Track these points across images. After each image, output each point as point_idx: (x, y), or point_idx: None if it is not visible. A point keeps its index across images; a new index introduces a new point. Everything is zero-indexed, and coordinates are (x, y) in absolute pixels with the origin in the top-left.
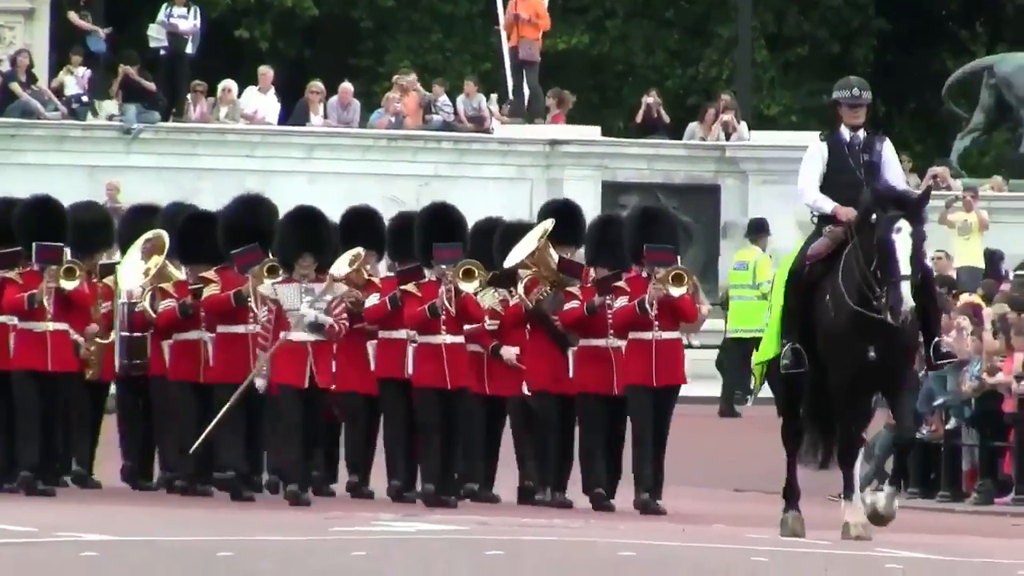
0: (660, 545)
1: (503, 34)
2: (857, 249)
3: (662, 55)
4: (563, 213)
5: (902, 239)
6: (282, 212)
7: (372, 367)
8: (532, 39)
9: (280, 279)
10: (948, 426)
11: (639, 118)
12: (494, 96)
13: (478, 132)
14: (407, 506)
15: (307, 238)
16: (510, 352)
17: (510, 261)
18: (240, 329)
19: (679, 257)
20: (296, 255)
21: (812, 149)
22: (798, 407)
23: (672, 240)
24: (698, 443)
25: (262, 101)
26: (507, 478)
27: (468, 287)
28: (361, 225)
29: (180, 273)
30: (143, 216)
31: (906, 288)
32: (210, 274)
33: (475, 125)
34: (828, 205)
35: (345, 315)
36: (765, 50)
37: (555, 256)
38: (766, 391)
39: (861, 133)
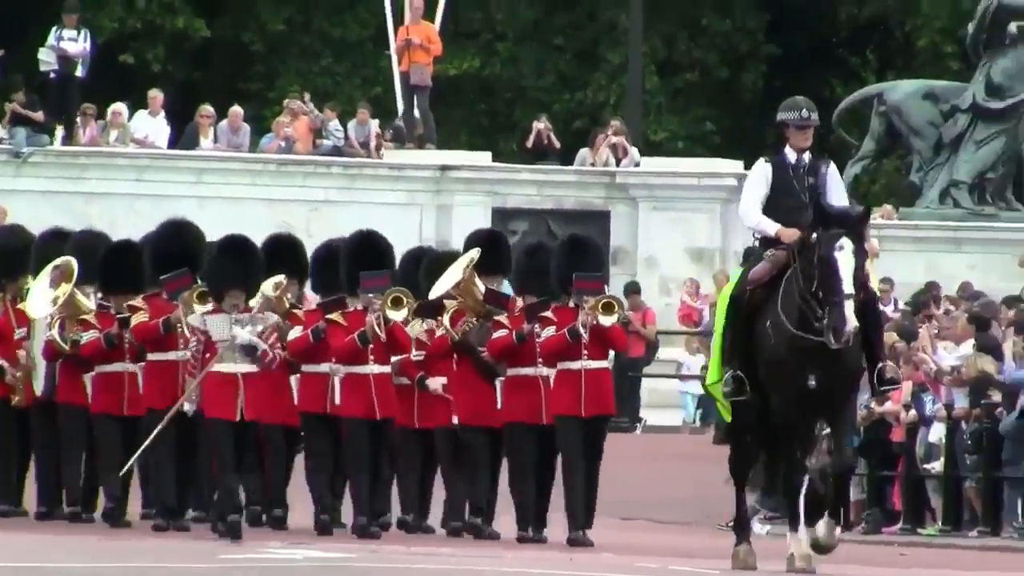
0: (547, 574)
1: (394, 59)
2: (798, 272)
3: (552, 79)
4: (489, 243)
5: (844, 257)
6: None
7: (295, 400)
8: (423, 64)
9: (209, 309)
10: None
11: (530, 143)
12: (375, 121)
13: (368, 157)
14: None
15: (237, 269)
16: (436, 383)
17: (436, 291)
18: (171, 356)
19: (607, 286)
20: (226, 286)
21: (756, 171)
22: (744, 435)
23: (600, 268)
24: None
25: (152, 125)
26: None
27: (397, 316)
28: (284, 253)
29: (89, 302)
30: (54, 241)
31: (849, 308)
32: (137, 302)
33: (366, 151)
34: (772, 227)
35: (278, 344)
36: (656, 76)
37: (481, 287)
38: None
39: (806, 156)
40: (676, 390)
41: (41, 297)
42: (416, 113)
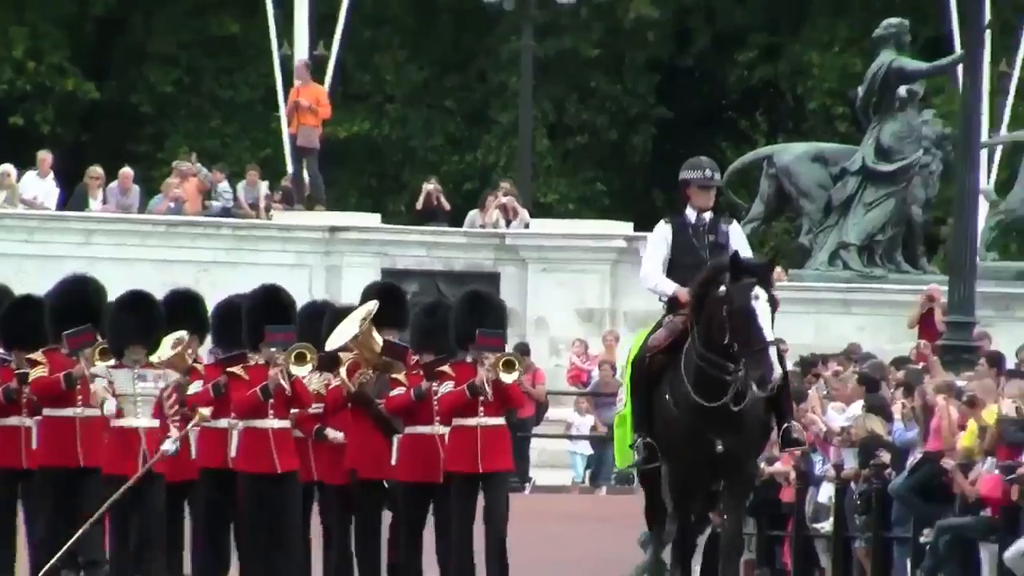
0: None
1: (284, 120)
2: (695, 336)
3: (440, 140)
4: (386, 295)
5: (761, 306)
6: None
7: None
8: (312, 126)
9: (112, 363)
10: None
11: (419, 204)
12: (265, 183)
13: (258, 218)
14: None
15: (137, 324)
16: (336, 434)
17: (332, 343)
18: (68, 412)
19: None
20: (127, 341)
21: (656, 232)
22: (659, 498)
23: (501, 325)
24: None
25: (41, 186)
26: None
27: (300, 371)
28: (184, 308)
29: None
30: None
31: (773, 354)
32: (37, 356)
33: (255, 212)
34: (669, 287)
35: (177, 404)
36: (546, 139)
37: (379, 339)
38: None
39: (707, 215)
40: (565, 450)
41: None
42: (305, 175)
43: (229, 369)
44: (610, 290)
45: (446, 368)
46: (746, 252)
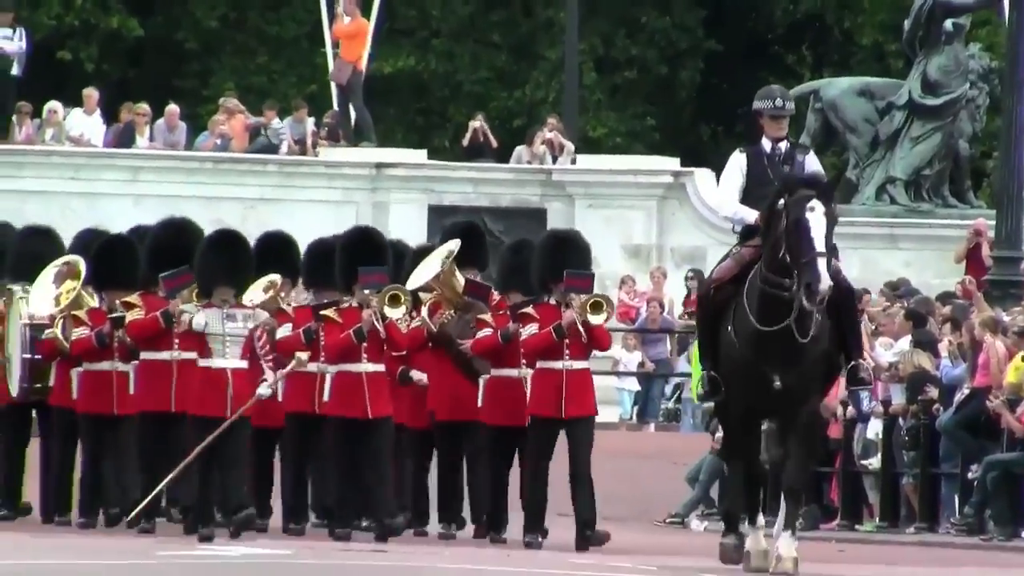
0: (485, 570)
1: (329, 56)
2: (764, 256)
3: (487, 75)
4: (468, 235)
5: (816, 217)
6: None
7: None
8: (350, 61)
9: (201, 304)
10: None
11: (466, 141)
12: (311, 120)
13: (304, 155)
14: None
15: (227, 264)
16: (420, 376)
17: (413, 283)
18: (164, 356)
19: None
20: (215, 282)
21: (731, 161)
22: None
23: (587, 266)
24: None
25: (88, 123)
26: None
27: (395, 313)
28: (276, 251)
29: (94, 301)
30: (35, 237)
31: (823, 264)
32: (133, 298)
33: (301, 148)
34: (751, 215)
35: (268, 345)
36: (594, 72)
37: (460, 278)
38: None
39: (783, 145)
40: (613, 387)
41: (44, 295)
42: (351, 111)
43: (322, 312)
44: (657, 226)
45: (530, 310)
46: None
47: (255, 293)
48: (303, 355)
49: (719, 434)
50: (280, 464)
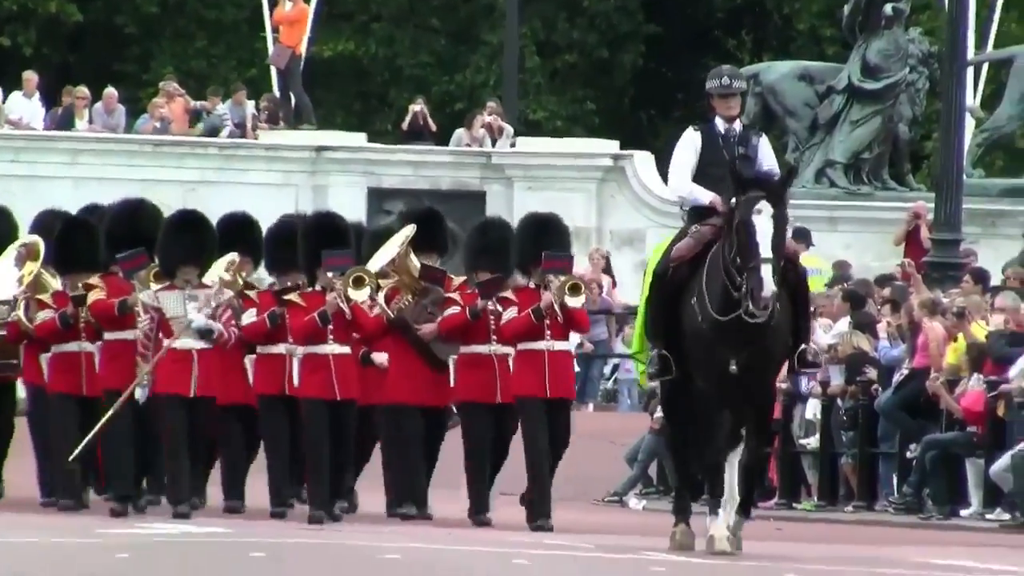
0: (424, 548)
1: (269, 41)
2: (724, 247)
3: (427, 59)
4: (426, 220)
5: (762, 220)
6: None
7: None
8: (290, 46)
9: (162, 286)
10: None
11: (406, 125)
12: (251, 103)
13: (244, 138)
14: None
15: (188, 246)
16: (382, 357)
17: (369, 268)
18: (128, 335)
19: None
20: (178, 262)
21: (685, 139)
22: (678, 413)
23: (566, 247)
24: None
25: (27, 106)
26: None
27: (359, 296)
28: (239, 232)
29: (56, 282)
30: None
31: (767, 271)
32: (94, 280)
33: (241, 131)
34: (705, 196)
35: (233, 322)
36: (536, 56)
37: (417, 263)
38: None
39: (737, 125)
40: None
41: (5, 276)
42: (291, 95)
43: (286, 297)
44: (596, 209)
45: (509, 294)
46: (772, 165)
47: (215, 272)
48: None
49: (658, 414)
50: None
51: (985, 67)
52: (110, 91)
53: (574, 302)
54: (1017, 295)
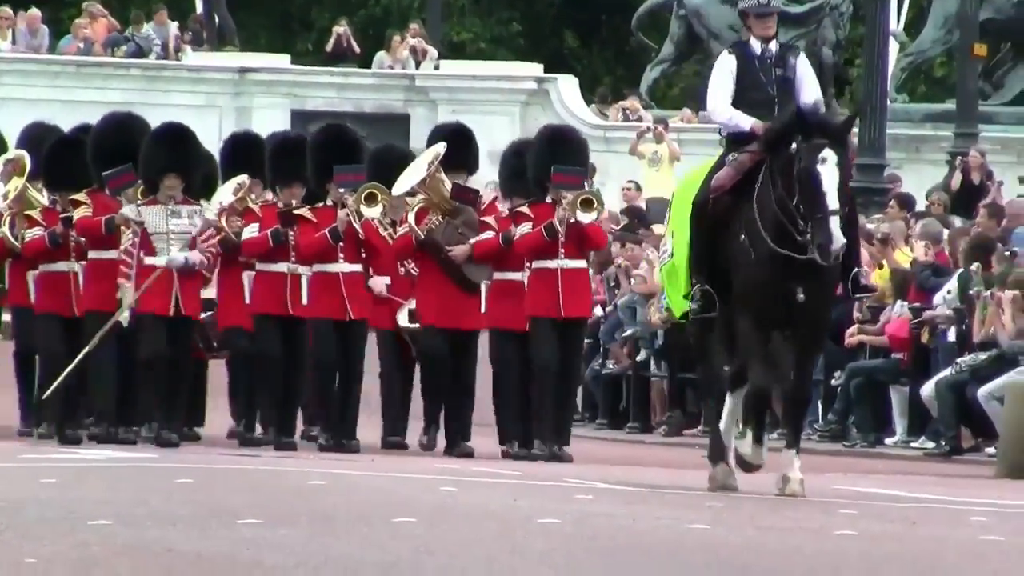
0: (350, 475)
1: None
2: (774, 177)
3: None
4: (455, 137)
5: (828, 170)
6: None
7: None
8: None
9: (145, 200)
10: (638, 358)
11: (329, 47)
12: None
13: (167, 59)
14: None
15: (172, 157)
16: (379, 284)
17: (399, 188)
18: (112, 255)
19: (587, 182)
20: (161, 175)
21: (720, 62)
22: (712, 352)
23: (581, 162)
24: None
25: None
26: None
27: (371, 212)
28: (244, 152)
29: (43, 198)
30: None
31: (835, 224)
32: (81, 196)
33: (164, 52)
34: (746, 122)
35: (215, 247)
36: None
37: (447, 183)
38: None
39: (773, 45)
40: None
41: None
42: (215, 16)
43: (296, 212)
44: (521, 132)
45: (524, 208)
46: (814, 88)
47: (224, 195)
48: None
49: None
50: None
51: None
52: (34, 12)
53: (586, 217)
54: (939, 221)
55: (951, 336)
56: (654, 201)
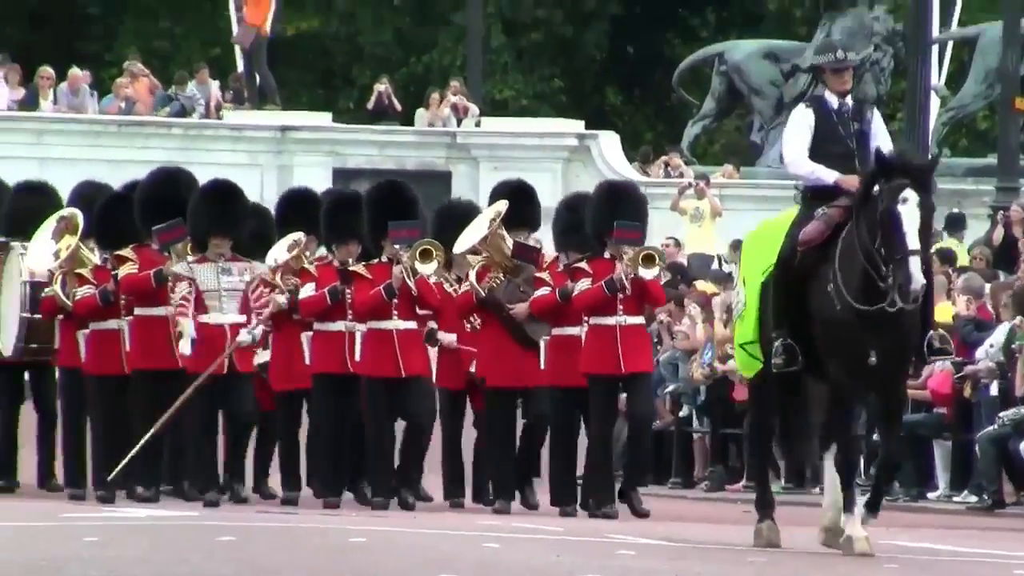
0: (390, 531)
1: (233, 19)
2: (859, 229)
3: (391, 39)
4: (517, 194)
5: (909, 210)
6: None
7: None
8: (255, 25)
9: (195, 258)
10: (680, 413)
11: (371, 105)
12: (215, 83)
13: (208, 118)
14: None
15: (219, 217)
16: (449, 337)
17: (460, 246)
18: (159, 311)
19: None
20: (209, 233)
21: (797, 116)
22: (771, 409)
23: (640, 218)
24: None
25: None
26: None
27: (426, 269)
28: (299, 208)
29: (94, 256)
30: (32, 194)
31: (915, 264)
32: (127, 252)
33: (205, 111)
34: (829, 175)
35: (266, 301)
36: (503, 35)
37: (509, 240)
38: None
39: (849, 100)
40: None
41: (42, 250)
42: (256, 75)
43: (351, 268)
44: (562, 188)
45: (583, 264)
46: (887, 143)
47: (279, 252)
48: (280, 298)
49: None
50: (308, 431)
51: (950, 45)
52: (75, 72)
53: (648, 273)
54: (981, 276)
55: (993, 390)
56: (695, 258)
